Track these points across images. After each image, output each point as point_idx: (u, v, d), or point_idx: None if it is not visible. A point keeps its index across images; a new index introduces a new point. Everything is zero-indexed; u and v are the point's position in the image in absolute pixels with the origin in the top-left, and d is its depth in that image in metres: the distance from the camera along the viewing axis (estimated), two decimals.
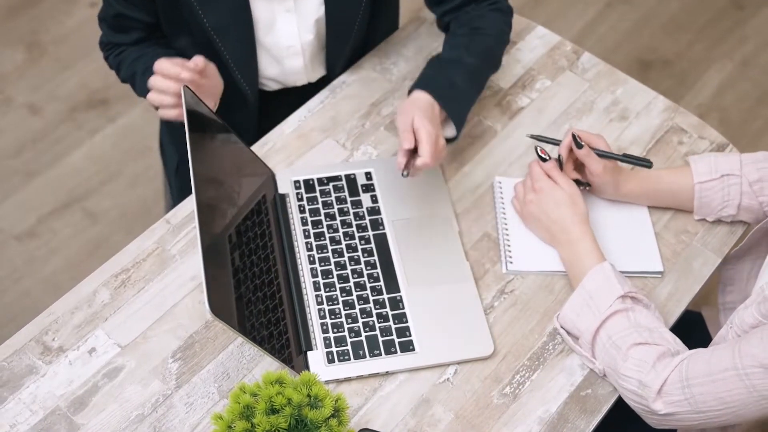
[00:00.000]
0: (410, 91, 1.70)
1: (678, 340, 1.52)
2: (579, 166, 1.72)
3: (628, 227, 1.72)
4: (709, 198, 1.69)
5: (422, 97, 1.67)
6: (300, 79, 1.87)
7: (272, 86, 1.89)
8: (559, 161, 1.68)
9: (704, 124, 1.88)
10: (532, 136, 1.73)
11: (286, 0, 1.72)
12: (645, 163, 1.68)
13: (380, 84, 1.91)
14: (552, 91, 1.93)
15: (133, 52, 1.80)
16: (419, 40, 1.98)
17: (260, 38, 1.76)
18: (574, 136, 1.65)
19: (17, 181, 2.95)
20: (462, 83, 1.72)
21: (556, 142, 1.71)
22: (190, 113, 1.49)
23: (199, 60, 1.58)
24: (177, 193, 2.06)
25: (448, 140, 1.72)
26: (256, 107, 1.88)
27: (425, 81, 1.71)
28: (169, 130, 2.03)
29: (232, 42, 1.74)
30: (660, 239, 1.72)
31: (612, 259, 1.67)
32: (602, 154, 1.67)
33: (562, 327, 1.60)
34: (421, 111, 1.62)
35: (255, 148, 1.80)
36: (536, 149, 1.68)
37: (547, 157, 1.67)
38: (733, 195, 1.68)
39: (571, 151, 1.68)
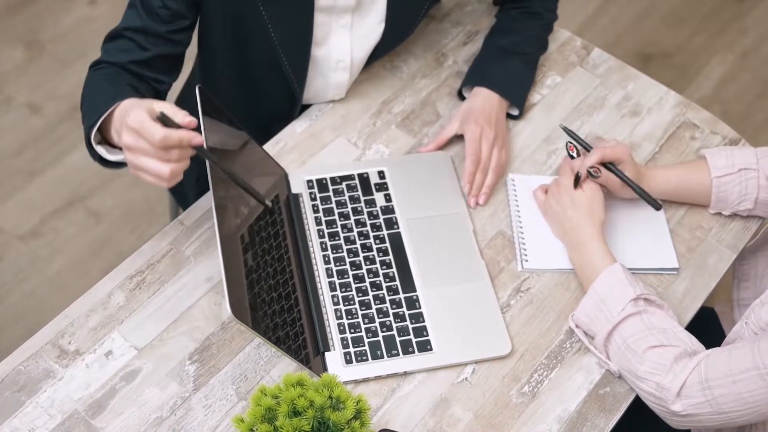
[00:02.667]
0: (466, 84, 1.86)
1: (694, 338, 1.51)
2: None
3: (642, 224, 1.71)
4: (726, 192, 1.69)
5: (482, 93, 1.82)
6: (339, 94, 1.86)
7: (311, 100, 1.87)
8: (576, 178, 1.66)
9: (716, 119, 1.88)
10: (564, 129, 1.72)
11: (344, 15, 1.71)
12: (654, 204, 1.66)
13: (391, 82, 1.91)
14: (563, 87, 1.92)
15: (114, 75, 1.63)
16: (429, 37, 1.98)
17: (312, 51, 1.75)
18: (589, 172, 1.64)
19: (19, 181, 2.93)
20: (520, 71, 1.88)
21: (585, 146, 1.69)
22: (205, 112, 1.48)
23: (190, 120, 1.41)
24: (194, 193, 2.05)
25: (514, 117, 1.88)
26: (296, 116, 1.88)
27: (482, 76, 1.85)
28: None
29: (291, 52, 1.73)
30: (674, 235, 1.72)
31: (627, 256, 1.67)
32: (619, 176, 1.65)
33: (577, 327, 1.59)
34: (465, 114, 1.79)
35: (267, 147, 1.79)
36: (567, 146, 1.67)
37: (575, 155, 1.67)
38: (750, 189, 1.67)
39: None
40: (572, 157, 1.67)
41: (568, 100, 1.90)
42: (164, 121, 1.36)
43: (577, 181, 1.64)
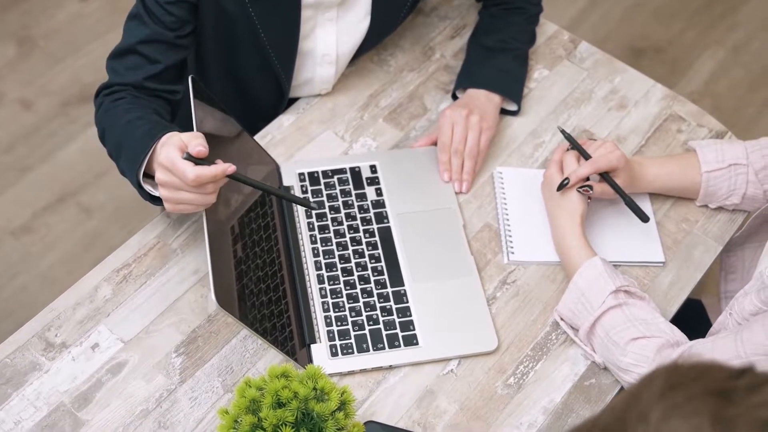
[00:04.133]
0: (457, 87, 1.86)
1: (676, 329, 1.51)
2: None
3: (629, 217, 1.71)
4: (715, 187, 1.69)
5: (476, 94, 1.81)
6: (326, 88, 1.86)
7: (297, 94, 1.88)
8: (562, 183, 1.65)
9: (703, 112, 1.88)
10: (563, 132, 1.70)
11: (329, 9, 1.72)
12: (643, 216, 1.65)
13: (378, 75, 1.91)
14: (550, 80, 1.93)
15: (133, 108, 1.62)
16: (416, 31, 1.98)
17: (298, 45, 1.75)
18: (579, 191, 1.63)
19: (11, 177, 2.94)
20: (510, 67, 1.87)
21: (582, 151, 1.67)
22: (197, 103, 1.48)
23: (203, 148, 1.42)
24: None
25: (513, 113, 1.87)
26: (282, 111, 1.88)
27: (472, 77, 1.85)
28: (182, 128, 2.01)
29: (280, 51, 1.74)
30: (661, 228, 1.72)
31: (613, 249, 1.67)
32: (612, 186, 1.64)
33: (562, 319, 1.60)
34: (458, 107, 1.77)
35: None
36: (564, 135, 1.69)
37: (568, 148, 1.68)
38: (739, 184, 1.68)
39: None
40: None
41: (555, 93, 1.91)
42: (193, 158, 1.40)
43: (561, 186, 1.64)
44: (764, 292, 1.44)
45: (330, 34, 1.75)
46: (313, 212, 1.70)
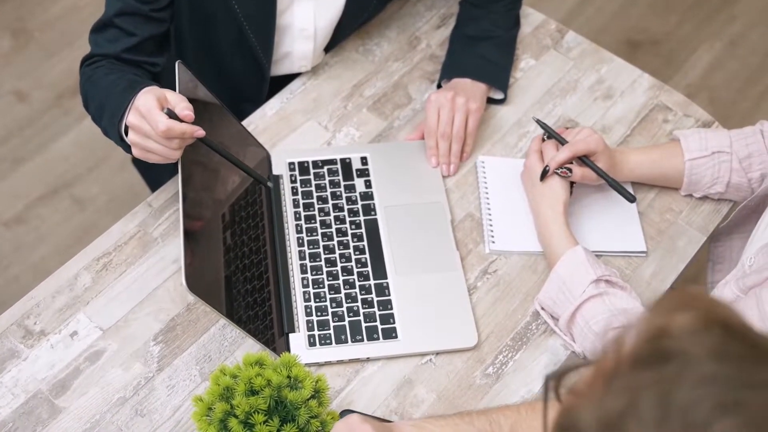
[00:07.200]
0: (442, 78, 1.85)
1: None
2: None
3: (611, 207, 1.71)
4: (699, 175, 1.68)
5: (461, 82, 1.80)
6: (305, 66, 1.86)
7: (277, 71, 1.88)
8: (544, 171, 1.65)
9: (689, 102, 1.87)
10: (538, 121, 1.70)
11: None
12: (629, 197, 1.64)
13: (362, 65, 1.90)
14: (536, 70, 1.92)
15: (111, 70, 1.64)
16: (402, 21, 1.97)
17: (276, 19, 1.75)
18: (557, 173, 1.63)
19: (5, 168, 2.94)
20: (493, 55, 1.86)
21: (559, 139, 1.66)
22: (183, 89, 1.48)
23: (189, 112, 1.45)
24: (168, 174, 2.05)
25: (499, 101, 1.86)
26: (266, 93, 1.88)
27: (456, 67, 1.84)
28: None
29: (256, 25, 1.73)
30: (644, 218, 1.71)
31: (595, 239, 1.67)
32: (594, 169, 1.64)
33: (542, 309, 1.59)
34: (443, 90, 1.77)
35: None
36: (540, 125, 1.68)
37: (545, 138, 1.67)
38: (723, 172, 1.67)
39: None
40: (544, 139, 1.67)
41: (541, 83, 1.90)
42: (170, 114, 1.43)
43: (544, 174, 1.63)
44: (743, 281, 1.43)
45: (307, 8, 1.75)
46: (301, 202, 1.69)
